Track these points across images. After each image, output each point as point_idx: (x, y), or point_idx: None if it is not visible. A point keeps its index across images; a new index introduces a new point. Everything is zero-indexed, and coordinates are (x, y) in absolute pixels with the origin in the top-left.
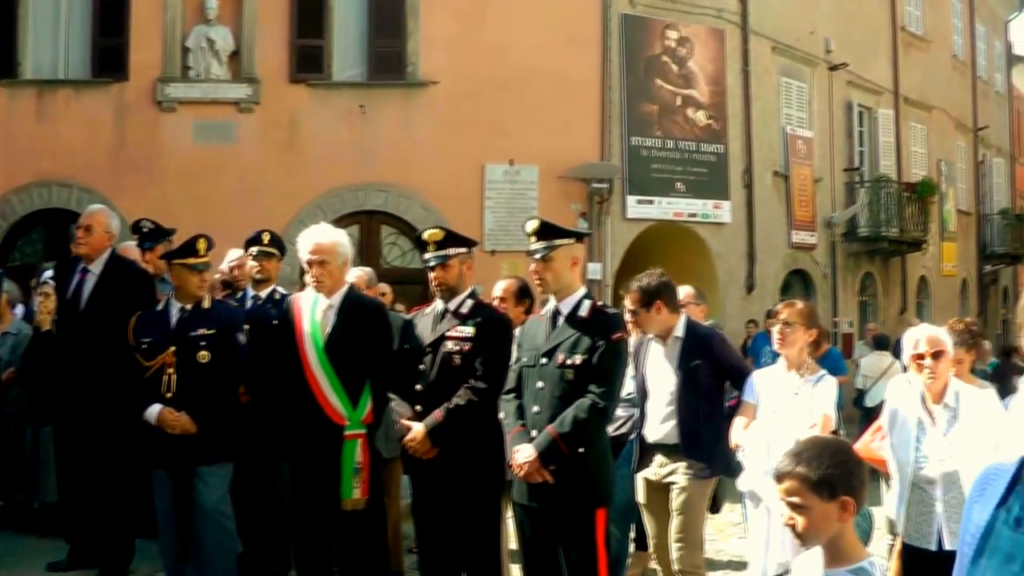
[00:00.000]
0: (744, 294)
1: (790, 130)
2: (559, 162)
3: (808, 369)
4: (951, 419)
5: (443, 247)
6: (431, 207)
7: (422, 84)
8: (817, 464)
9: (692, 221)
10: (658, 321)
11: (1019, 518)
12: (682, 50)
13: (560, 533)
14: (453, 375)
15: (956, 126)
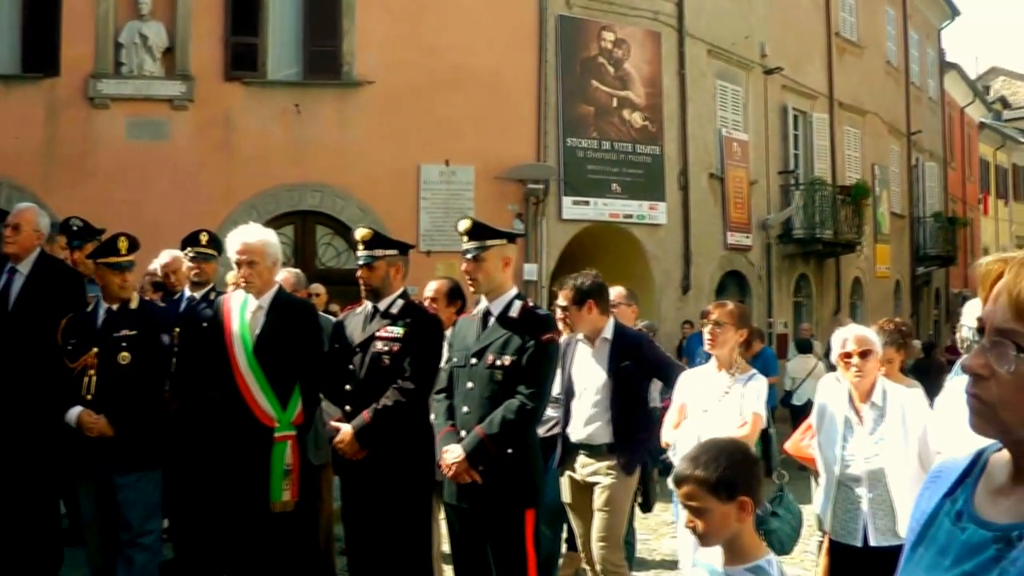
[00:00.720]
0: (679, 295)
1: (726, 133)
2: (495, 163)
3: (739, 369)
4: (878, 418)
5: (370, 248)
6: (367, 207)
7: (358, 84)
8: (714, 467)
9: (628, 222)
10: (588, 321)
11: (960, 511)
12: (618, 52)
13: (489, 533)
14: (382, 376)
15: (890, 131)
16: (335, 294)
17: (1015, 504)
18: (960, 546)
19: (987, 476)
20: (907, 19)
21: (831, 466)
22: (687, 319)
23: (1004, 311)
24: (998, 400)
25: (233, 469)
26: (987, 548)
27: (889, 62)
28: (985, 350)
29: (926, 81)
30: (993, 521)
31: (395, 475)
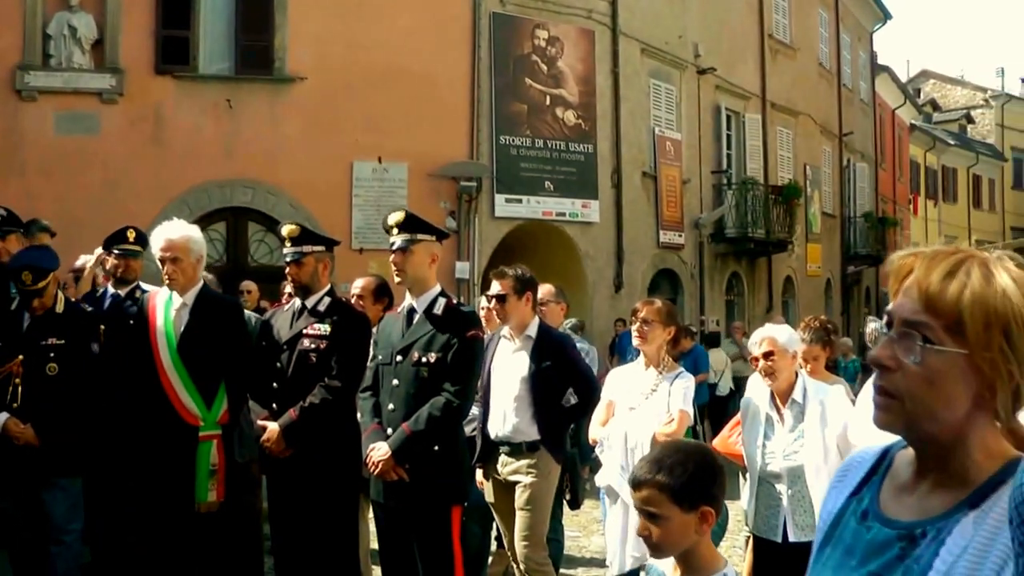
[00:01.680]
0: (612, 293)
1: (659, 131)
2: (428, 160)
3: (666, 366)
4: (798, 415)
5: (298, 244)
6: (299, 204)
7: (290, 80)
8: (680, 472)
9: (560, 220)
10: (522, 313)
11: (866, 510)
12: (552, 50)
13: (416, 531)
14: (309, 373)
15: (822, 131)
16: (267, 292)
17: (919, 501)
18: (866, 545)
19: (892, 474)
20: (839, 22)
21: (753, 463)
22: (619, 317)
23: (913, 303)
24: (905, 392)
25: (157, 469)
26: (892, 547)
27: (821, 64)
28: (892, 342)
29: (858, 83)
30: (898, 519)
31: (322, 474)
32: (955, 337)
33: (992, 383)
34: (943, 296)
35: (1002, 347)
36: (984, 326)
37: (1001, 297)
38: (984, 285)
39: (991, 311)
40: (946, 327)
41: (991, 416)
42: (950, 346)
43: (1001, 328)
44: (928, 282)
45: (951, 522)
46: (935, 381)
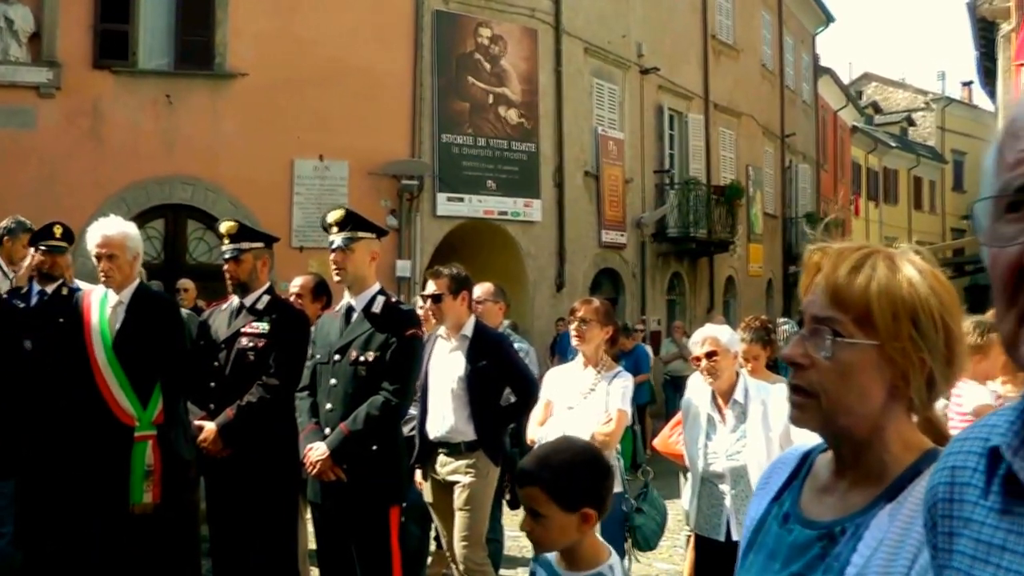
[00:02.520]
0: (554, 292)
1: (601, 131)
2: (369, 158)
3: (605, 366)
4: (740, 415)
5: (237, 241)
6: (238, 202)
7: (230, 76)
8: (564, 472)
9: (502, 219)
10: (458, 313)
11: (788, 513)
12: (495, 48)
13: (353, 531)
14: (247, 372)
15: (764, 132)
16: (207, 290)
17: (838, 500)
18: (788, 548)
19: (813, 476)
20: (782, 24)
21: (695, 464)
22: (561, 316)
23: (822, 300)
24: (819, 387)
25: (91, 470)
26: (813, 547)
27: (764, 66)
28: (804, 339)
29: (800, 85)
30: (818, 520)
31: (259, 474)
32: (865, 329)
33: (905, 372)
34: (850, 290)
35: (912, 335)
36: (892, 316)
37: (907, 288)
38: (890, 277)
39: (898, 301)
40: (855, 320)
41: (907, 407)
42: (860, 338)
43: (909, 317)
44: (835, 278)
45: (868, 517)
46: (848, 374)
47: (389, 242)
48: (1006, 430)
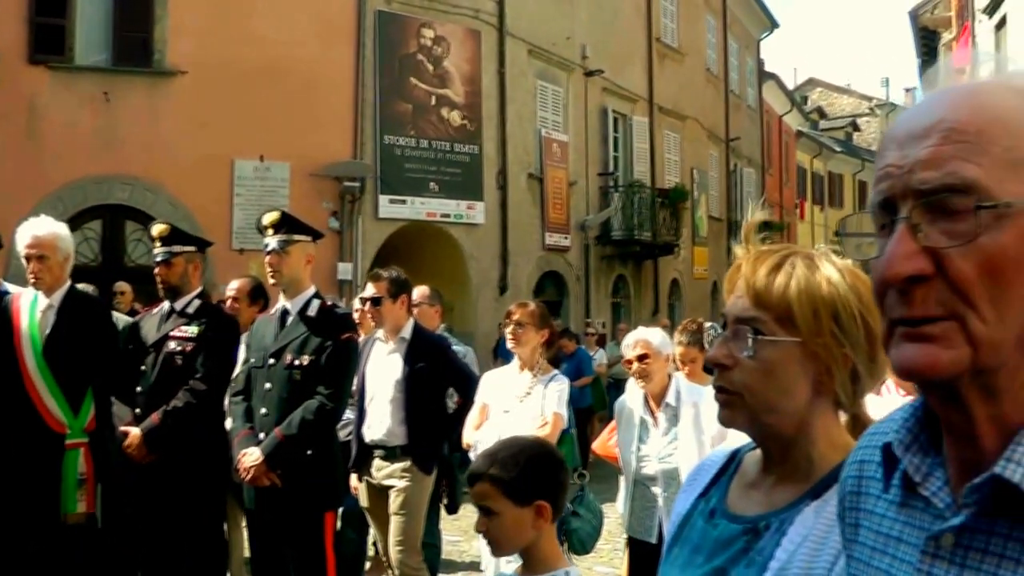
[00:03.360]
0: (497, 295)
1: (545, 133)
2: (311, 159)
3: (541, 369)
4: (672, 418)
5: (168, 244)
6: (178, 202)
7: (170, 73)
8: (512, 465)
9: (445, 222)
10: (396, 316)
11: (714, 509)
12: (438, 49)
13: (288, 537)
14: (174, 376)
15: (709, 136)
16: (145, 293)
17: (764, 496)
18: (712, 542)
19: (741, 473)
20: (727, 28)
21: (628, 467)
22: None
23: (743, 301)
24: (743, 387)
25: (20, 480)
26: (737, 541)
27: (709, 69)
28: (727, 340)
29: (745, 89)
30: (744, 515)
31: (186, 480)
32: (786, 327)
33: (828, 367)
34: (770, 289)
35: (833, 331)
36: (813, 313)
37: (827, 286)
38: (809, 276)
39: (818, 299)
40: (777, 319)
41: (833, 405)
42: (782, 336)
43: (830, 314)
44: (755, 278)
45: (793, 513)
46: (771, 372)
47: (330, 245)
48: (899, 427)
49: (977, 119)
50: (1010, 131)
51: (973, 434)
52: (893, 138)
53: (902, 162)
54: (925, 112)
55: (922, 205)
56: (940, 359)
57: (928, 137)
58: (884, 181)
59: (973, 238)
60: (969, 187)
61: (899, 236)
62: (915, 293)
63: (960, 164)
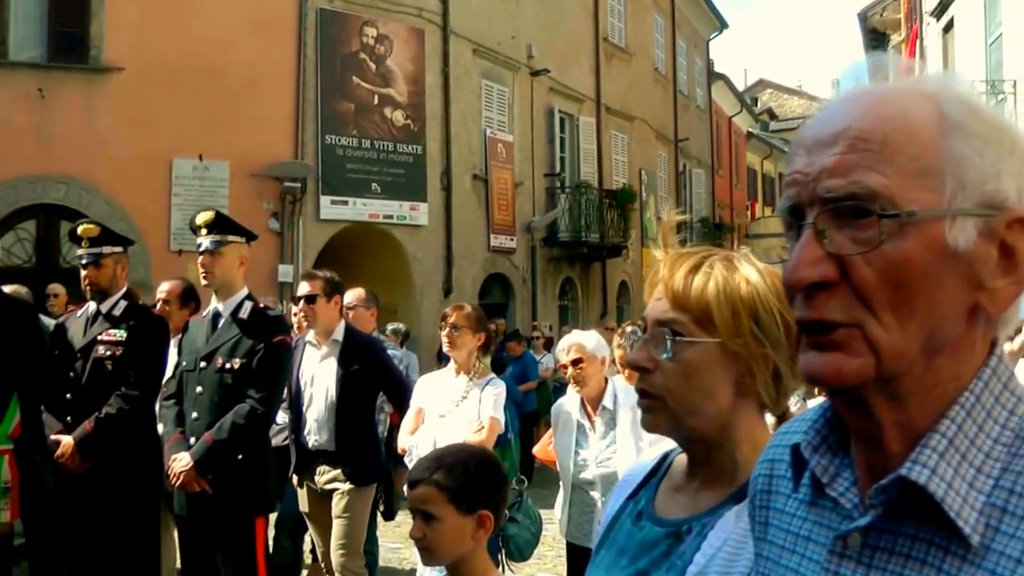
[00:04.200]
0: (441, 298)
1: (490, 133)
2: (251, 159)
3: (478, 373)
4: (609, 422)
5: (98, 244)
6: (114, 203)
7: (106, 70)
8: (460, 471)
9: (388, 223)
10: (330, 317)
11: (641, 511)
12: (380, 48)
13: (218, 543)
14: (105, 382)
15: (657, 137)
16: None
17: (689, 500)
18: (637, 544)
19: (669, 477)
20: (675, 28)
21: (566, 472)
22: None
23: (662, 303)
24: (664, 389)
25: None
26: (660, 544)
27: (657, 70)
28: (646, 343)
29: (694, 90)
30: (668, 518)
31: (119, 487)
32: (706, 328)
33: (750, 367)
34: (688, 291)
35: (753, 331)
36: (732, 313)
37: (746, 285)
38: (728, 276)
39: (737, 299)
40: (695, 320)
41: (757, 406)
42: (701, 337)
43: (750, 314)
44: (673, 280)
45: (715, 517)
46: (691, 373)
47: (271, 246)
48: (808, 428)
49: (883, 127)
50: (916, 140)
51: (879, 438)
52: (802, 143)
53: (808, 169)
54: (833, 118)
55: (828, 211)
56: (844, 368)
57: (835, 144)
58: (792, 187)
59: (877, 245)
60: (873, 196)
61: (804, 242)
62: (818, 297)
63: (865, 173)
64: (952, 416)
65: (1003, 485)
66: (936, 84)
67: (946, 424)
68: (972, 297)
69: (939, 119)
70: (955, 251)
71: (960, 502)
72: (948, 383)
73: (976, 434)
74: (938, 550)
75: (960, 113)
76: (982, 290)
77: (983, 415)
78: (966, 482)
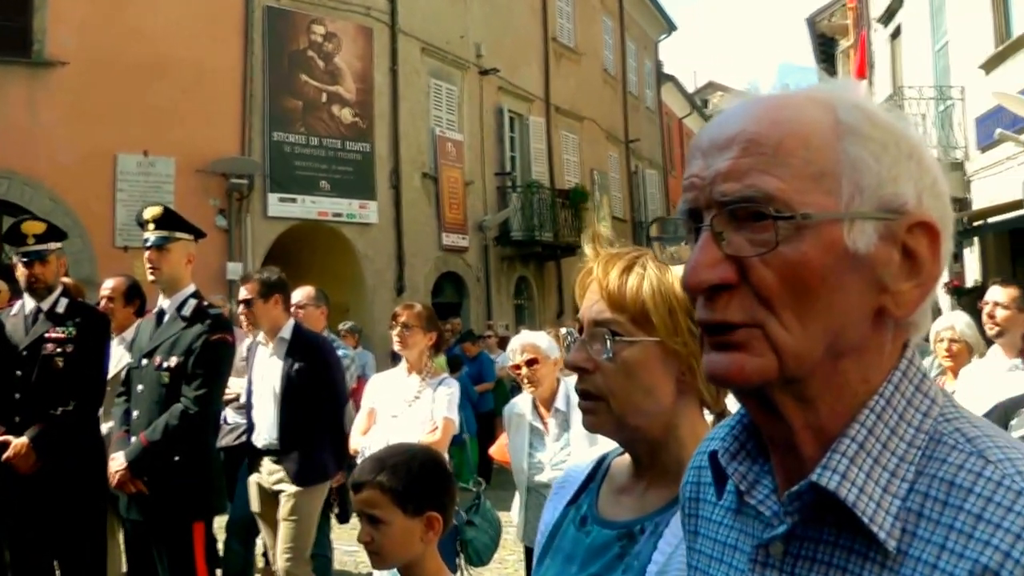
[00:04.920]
0: (393, 296)
1: (439, 132)
2: (197, 155)
3: (430, 373)
4: (563, 423)
5: (44, 241)
6: (58, 198)
7: (50, 64)
8: (405, 473)
9: (337, 221)
10: (272, 317)
11: (585, 516)
12: (328, 46)
13: (158, 546)
14: (55, 380)
15: (608, 137)
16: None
17: (636, 501)
18: (586, 549)
19: (610, 479)
20: (624, 30)
21: (520, 474)
22: None
23: (598, 304)
24: (606, 390)
25: None
26: (612, 547)
27: (607, 70)
28: (584, 344)
29: (644, 91)
30: (616, 520)
31: (65, 489)
32: (643, 327)
33: (689, 364)
34: (624, 291)
35: (690, 328)
36: (668, 311)
37: (679, 283)
38: (661, 276)
39: (673, 297)
40: (633, 319)
41: (698, 404)
42: (640, 336)
43: (686, 311)
44: (607, 281)
45: (668, 515)
46: (632, 372)
47: (219, 244)
48: (726, 434)
49: (777, 131)
50: (810, 144)
51: (792, 442)
52: (698, 147)
53: (704, 173)
54: (728, 122)
55: (725, 214)
56: (746, 367)
57: (729, 148)
58: (689, 191)
59: (774, 247)
60: (768, 198)
61: (702, 244)
62: (720, 299)
63: (759, 176)
64: (862, 420)
65: (918, 489)
66: (831, 90)
67: (856, 428)
68: (877, 300)
69: (834, 123)
70: (855, 254)
71: (874, 507)
72: (857, 386)
73: (888, 437)
74: (858, 557)
75: (855, 118)
76: (886, 293)
77: (895, 418)
78: (879, 487)
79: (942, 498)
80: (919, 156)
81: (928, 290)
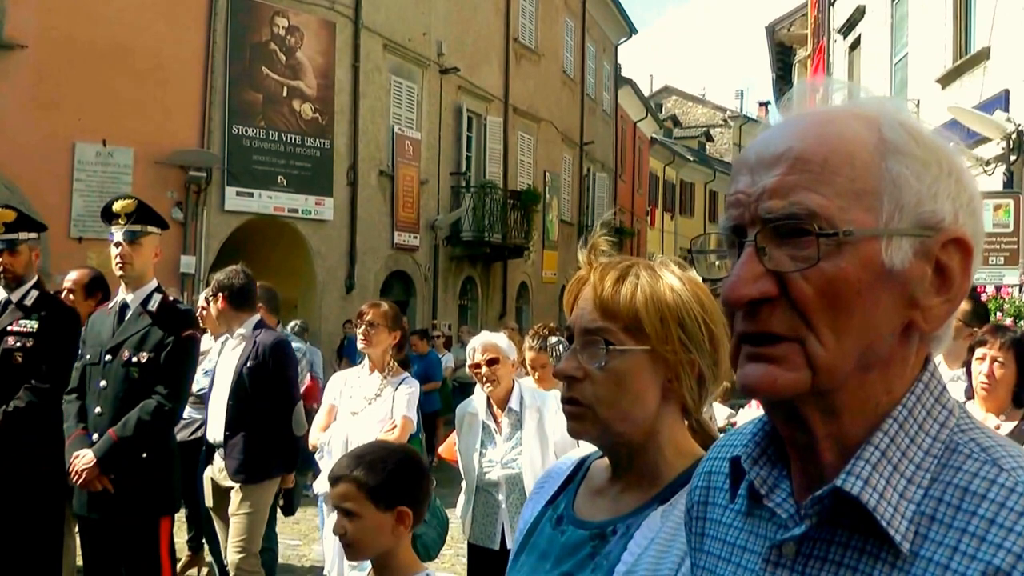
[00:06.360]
0: (343, 294)
1: (398, 130)
2: (156, 146)
3: (392, 371)
4: (515, 423)
5: (14, 230)
6: (13, 187)
7: (7, 47)
8: (379, 469)
9: (293, 217)
10: (225, 317)
11: (561, 515)
12: (291, 39)
13: (121, 544)
14: (15, 374)
15: (563, 139)
16: None
17: (611, 502)
18: (560, 548)
19: (588, 480)
20: (585, 32)
21: (470, 473)
22: (350, 319)
23: (591, 312)
24: (594, 398)
25: None
26: (584, 546)
27: (566, 72)
28: (576, 352)
29: (601, 94)
30: (590, 520)
31: (25, 485)
32: (635, 336)
33: (677, 372)
34: (617, 300)
35: (680, 337)
36: (660, 320)
37: (671, 293)
38: (654, 284)
39: (664, 306)
40: (625, 328)
41: (680, 411)
42: (632, 345)
43: (676, 320)
44: (601, 289)
45: (640, 517)
46: (623, 381)
47: (174, 236)
48: (748, 440)
49: (823, 148)
50: (854, 162)
51: (814, 449)
52: (745, 163)
53: (750, 189)
54: (775, 139)
55: (769, 230)
56: (780, 380)
57: (776, 165)
58: (734, 208)
59: (815, 263)
60: (812, 216)
61: (745, 259)
62: (762, 312)
63: (805, 194)
64: (885, 429)
65: (932, 495)
66: (877, 106)
67: (879, 437)
68: (907, 315)
69: (878, 141)
70: (891, 270)
71: (891, 511)
72: (881, 397)
73: (908, 446)
74: (869, 557)
75: (899, 136)
76: (916, 308)
77: (915, 428)
78: (897, 492)
79: (955, 503)
80: (958, 174)
81: (956, 306)
